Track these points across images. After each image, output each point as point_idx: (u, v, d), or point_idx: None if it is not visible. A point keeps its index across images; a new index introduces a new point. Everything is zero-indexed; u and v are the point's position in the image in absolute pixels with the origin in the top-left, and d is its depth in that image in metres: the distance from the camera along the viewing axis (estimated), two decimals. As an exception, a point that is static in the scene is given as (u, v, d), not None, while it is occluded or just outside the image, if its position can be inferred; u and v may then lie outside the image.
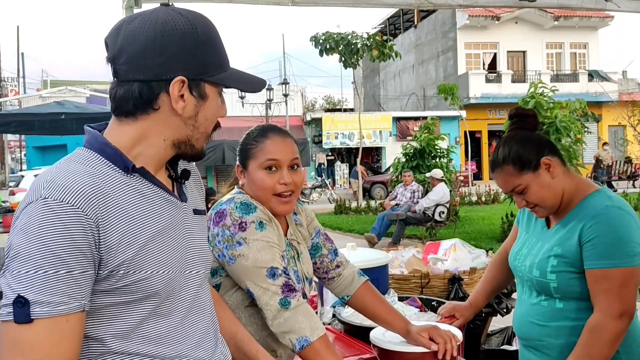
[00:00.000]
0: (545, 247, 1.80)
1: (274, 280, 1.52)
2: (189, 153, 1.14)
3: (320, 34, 15.75)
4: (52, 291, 0.92)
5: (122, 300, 1.02)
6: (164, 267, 1.06)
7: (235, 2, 2.65)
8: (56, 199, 0.95)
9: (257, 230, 1.56)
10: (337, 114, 26.77)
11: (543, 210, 1.80)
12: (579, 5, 3.36)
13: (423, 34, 31.59)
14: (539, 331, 1.80)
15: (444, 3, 3.17)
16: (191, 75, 1.06)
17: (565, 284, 1.72)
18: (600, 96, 26.09)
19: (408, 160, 12.49)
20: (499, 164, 1.80)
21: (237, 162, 1.73)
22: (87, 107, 9.56)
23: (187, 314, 1.13)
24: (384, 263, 2.45)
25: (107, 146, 1.07)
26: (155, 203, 1.08)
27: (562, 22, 27.72)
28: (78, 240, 0.94)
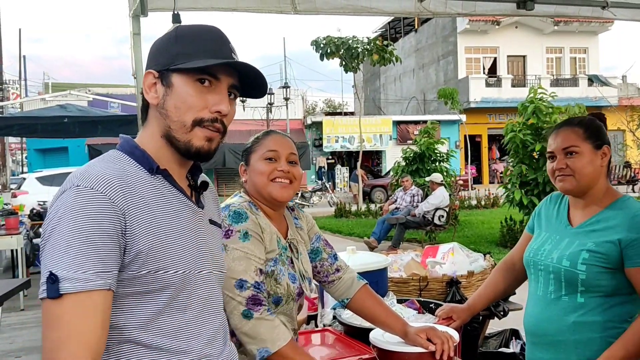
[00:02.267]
0: (575, 242, 1.86)
1: (240, 291, 1.59)
2: (181, 148, 1.17)
3: (321, 39, 15.82)
4: (80, 268, 0.99)
5: (141, 290, 1.09)
6: (177, 261, 1.13)
7: (239, 10, 2.71)
8: (87, 186, 1.04)
9: (239, 239, 1.65)
10: (337, 118, 26.83)
11: (573, 182, 1.86)
12: (576, 14, 3.42)
13: (423, 38, 31.68)
14: (556, 326, 1.85)
15: (443, 11, 3.23)
16: (159, 67, 1.17)
17: (593, 277, 1.78)
18: (599, 101, 26.14)
19: (408, 164, 12.54)
20: (572, 124, 1.91)
21: (241, 163, 1.85)
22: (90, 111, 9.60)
23: (200, 312, 1.19)
24: (384, 266, 2.50)
25: (136, 149, 1.18)
26: (173, 204, 1.16)
27: (562, 27, 27.81)
28: (105, 224, 1.02)
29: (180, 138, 1.16)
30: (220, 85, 1.17)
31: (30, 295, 6.51)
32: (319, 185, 21.05)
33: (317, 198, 20.08)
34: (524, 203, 9.40)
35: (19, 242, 6.51)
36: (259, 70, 1.21)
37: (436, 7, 3.14)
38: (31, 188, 14.31)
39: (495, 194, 16.83)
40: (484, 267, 3.01)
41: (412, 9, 3.07)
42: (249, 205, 1.75)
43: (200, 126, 1.16)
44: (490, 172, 28.16)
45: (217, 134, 1.19)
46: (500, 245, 9.74)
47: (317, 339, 2.19)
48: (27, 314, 6.18)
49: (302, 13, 2.84)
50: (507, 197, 10.01)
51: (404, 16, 4.35)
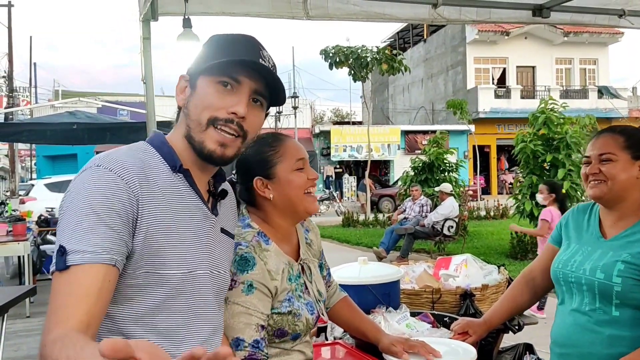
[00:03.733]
0: (609, 253, 1.80)
1: (236, 350, 1.46)
2: (197, 149, 1.18)
3: (330, 48, 15.83)
4: (88, 242, 1.01)
5: (139, 282, 1.09)
6: (178, 259, 1.13)
7: (251, 15, 2.67)
8: (107, 167, 1.07)
9: (242, 292, 1.49)
10: (345, 127, 26.83)
11: (605, 188, 1.81)
12: (592, 22, 3.36)
13: (432, 48, 31.69)
14: (590, 339, 1.78)
15: (457, 18, 3.18)
16: (189, 72, 1.22)
17: (628, 290, 1.72)
18: (610, 112, 26.00)
19: (417, 174, 12.49)
20: (614, 131, 1.86)
21: (255, 178, 1.60)
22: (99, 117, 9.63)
23: (194, 317, 1.18)
24: (396, 278, 2.44)
25: (165, 144, 1.20)
26: (187, 204, 1.17)
27: (572, 38, 27.74)
28: (118, 204, 1.05)
29: (196, 137, 1.18)
30: (241, 88, 1.18)
31: (36, 302, 6.48)
32: (326, 195, 21.02)
33: (325, 207, 20.03)
34: (535, 214, 9.30)
35: (26, 249, 6.48)
36: (277, 75, 1.24)
37: (450, 14, 3.09)
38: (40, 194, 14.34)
39: (505, 205, 16.70)
40: (499, 280, 2.93)
41: (426, 16, 3.01)
42: (259, 241, 1.57)
43: (215, 126, 1.16)
44: (499, 182, 28.02)
45: (232, 138, 1.17)
46: (511, 257, 9.63)
47: (328, 353, 2.12)
48: (33, 321, 6.14)
49: (314, 19, 2.79)
50: (517, 208, 9.92)
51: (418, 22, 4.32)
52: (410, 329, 2.08)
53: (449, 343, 1.88)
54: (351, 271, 2.41)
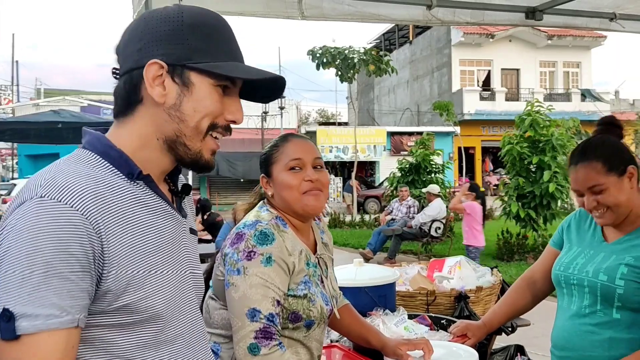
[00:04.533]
0: (612, 256, 1.79)
1: (251, 321, 1.46)
2: (186, 157, 1.02)
3: (317, 48, 15.83)
4: (41, 302, 0.81)
5: (121, 321, 0.92)
6: (164, 285, 0.97)
7: (246, 15, 2.64)
8: (54, 198, 0.86)
9: (261, 264, 1.51)
10: (331, 128, 26.85)
11: (612, 216, 1.78)
12: (584, 25, 3.38)
13: (418, 50, 31.84)
14: (590, 342, 1.78)
15: (451, 20, 3.18)
16: (171, 59, 0.97)
17: (631, 293, 1.72)
18: (592, 115, 26.33)
19: (404, 175, 12.53)
20: (588, 158, 1.78)
21: (261, 175, 1.70)
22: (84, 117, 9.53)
23: (188, 342, 1.04)
24: (392, 280, 2.43)
25: (112, 149, 0.98)
26: (157, 215, 1.00)
27: (556, 41, 28.03)
28: (75, 246, 0.84)
29: (192, 146, 1.01)
30: (234, 91, 1.04)
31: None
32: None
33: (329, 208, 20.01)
34: (521, 216, 9.38)
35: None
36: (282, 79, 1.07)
37: (445, 16, 3.09)
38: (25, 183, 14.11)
39: (490, 206, 16.81)
40: (492, 282, 2.94)
41: (420, 17, 3.01)
42: (277, 223, 1.61)
43: (212, 134, 1.03)
44: (484, 184, 28.21)
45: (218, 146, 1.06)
46: (497, 259, 9.69)
47: (324, 356, 2.10)
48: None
49: (309, 19, 2.77)
50: (503, 210, 9.99)
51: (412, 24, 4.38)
52: (408, 332, 2.07)
53: (450, 346, 1.87)
54: (347, 273, 2.39)
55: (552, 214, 9.53)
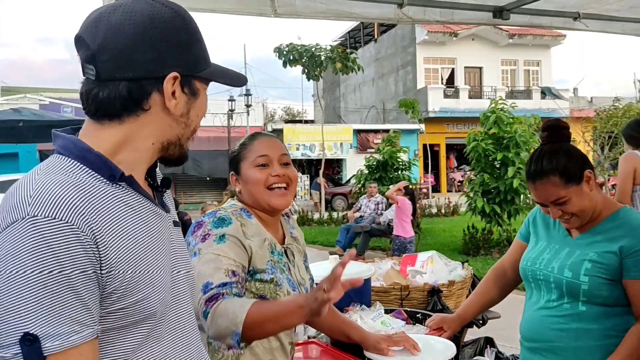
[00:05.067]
0: (576, 252, 1.84)
1: (204, 294, 1.48)
2: (176, 155, 1.07)
3: (284, 46, 15.79)
4: (63, 321, 0.82)
5: (118, 324, 0.93)
6: (158, 285, 0.97)
7: (218, 12, 2.63)
8: (47, 215, 0.84)
9: (214, 242, 1.56)
10: (298, 126, 26.82)
11: (578, 221, 1.83)
12: (549, 24, 3.47)
13: (383, 48, 32.07)
14: (558, 333, 1.83)
15: (422, 18, 3.22)
16: (184, 71, 0.99)
17: (595, 288, 1.77)
18: (552, 112, 26.99)
19: (371, 172, 12.62)
20: (545, 174, 1.81)
21: (230, 172, 1.76)
22: (45, 115, 9.28)
23: (179, 336, 1.06)
24: (368, 276, 2.45)
25: (89, 152, 0.96)
26: (142, 215, 0.99)
27: (517, 40, 28.62)
28: (80, 260, 0.85)
29: (185, 146, 1.07)
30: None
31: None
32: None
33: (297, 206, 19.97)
34: (486, 211, 9.57)
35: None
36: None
37: (415, 14, 3.13)
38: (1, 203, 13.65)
39: (455, 203, 17.09)
40: (464, 276, 3.00)
41: (392, 15, 3.04)
42: (240, 212, 1.68)
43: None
44: (448, 180, 28.65)
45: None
46: (464, 253, 9.85)
47: (301, 353, 2.10)
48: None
49: (282, 16, 2.77)
50: (469, 206, 10.17)
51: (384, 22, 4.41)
52: (385, 326, 2.10)
53: (428, 339, 1.91)
54: (323, 269, 2.40)
55: (516, 209, 9.75)
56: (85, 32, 0.97)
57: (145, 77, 0.97)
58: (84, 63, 0.97)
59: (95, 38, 0.95)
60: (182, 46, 0.99)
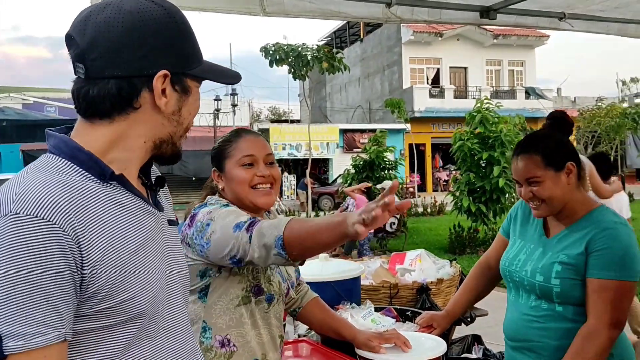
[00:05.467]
0: (548, 254, 1.85)
1: (239, 230, 1.47)
2: (169, 153, 1.07)
3: (270, 45, 15.75)
4: (27, 321, 0.81)
5: (105, 324, 0.92)
6: (148, 284, 0.97)
7: (207, 10, 2.61)
8: (29, 214, 0.84)
9: (221, 207, 1.59)
10: (284, 125, 26.79)
11: (546, 208, 1.84)
12: (535, 24, 3.50)
13: (369, 47, 32.14)
14: (537, 332, 1.84)
15: (410, 18, 3.23)
16: (174, 68, 0.99)
17: (567, 289, 1.78)
18: (536, 112, 27.26)
19: (358, 172, 12.65)
20: (528, 150, 1.84)
21: (213, 168, 1.75)
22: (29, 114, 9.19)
23: (173, 335, 1.05)
24: (358, 274, 2.46)
25: (80, 151, 0.96)
26: (134, 214, 0.99)
27: (501, 40, 28.85)
28: (56, 261, 0.84)
29: (178, 144, 1.07)
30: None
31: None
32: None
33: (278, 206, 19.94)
34: (472, 210, 9.63)
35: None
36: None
37: (403, 14, 3.14)
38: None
39: (441, 202, 17.18)
40: (452, 274, 3.02)
41: (380, 15, 3.05)
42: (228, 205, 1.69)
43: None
44: (434, 180, 28.80)
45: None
46: (450, 252, 9.92)
47: (291, 351, 2.11)
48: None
49: (271, 15, 2.77)
50: (455, 205, 10.23)
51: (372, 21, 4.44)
52: (376, 324, 2.11)
53: (419, 336, 1.92)
54: (313, 268, 2.41)
55: (502, 208, 9.83)
56: (74, 31, 0.97)
57: (135, 75, 0.97)
58: (74, 61, 0.98)
59: (84, 36, 0.96)
60: (172, 43, 0.99)
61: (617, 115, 18.58)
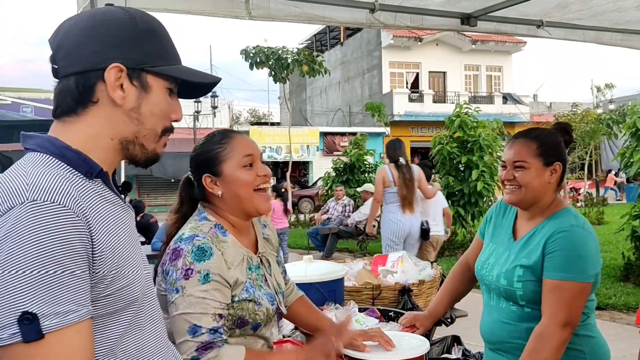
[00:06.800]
0: (512, 257, 1.90)
1: (192, 336, 1.46)
2: (140, 155, 1.08)
3: (250, 48, 15.73)
4: (60, 300, 0.85)
5: (106, 311, 0.96)
6: (138, 273, 1.03)
7: (192, 13, 2.63)
8: (47, 200, 0.88)
9: (199, 281, 1.49)
10: (264, 128, 26.76)
11: (519, 195, 1.90)
12: (514, 31, 3.58)
13: (349, 51, 32.28)
14: (511, 333, 1.89)
15: (393, 23, 3.28)
16: (130, 63, 1.02)
17: (530, 292, 1.83)
18: (513, 117, 27.66)
19: (338, 175, 12.70)
20: (528, 137, 1.92)
21: (204, 175, 1.63)
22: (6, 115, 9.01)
23: (155, 326, 1.11)
24: (342, 275, 2.50)
25: (68, 150, 1.00)
26: (117, 211, 1.04)
27: (479, 46, 29.22)
28: (75, 243, 0.88)
29: (148, 147, 1.08)
30: (174, 91, 1.11)
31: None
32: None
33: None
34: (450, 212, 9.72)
35: None
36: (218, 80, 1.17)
37: (386, 19, 3.19)
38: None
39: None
40: (433, 276, 3.06)
41: (363, 20, 3.10)
42: (216, 233, 1.59)
43: (164, 134, 1.10)
44: (413, 183, 28.97)
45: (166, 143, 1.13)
46: (428, 255, 10.00)
47: (276, 351, 2.12)
48: None
49: (256, 19, 2.79)
50: (434, 208, 10.31)
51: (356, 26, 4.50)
52: (360, 324, 2.14)
53: (402, 335, 1.95)
54: (298, 269, 2.44)
55: (480, 211, 9.95)
56: (51, 37, 1.05)
57: (90, 69, 1.01)
58: (51, 64, 1.04)
59: (55, 40, 1.03)
60: (129, 40, 1.03)
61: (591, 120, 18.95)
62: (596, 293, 1.92)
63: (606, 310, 6.37)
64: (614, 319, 6.09)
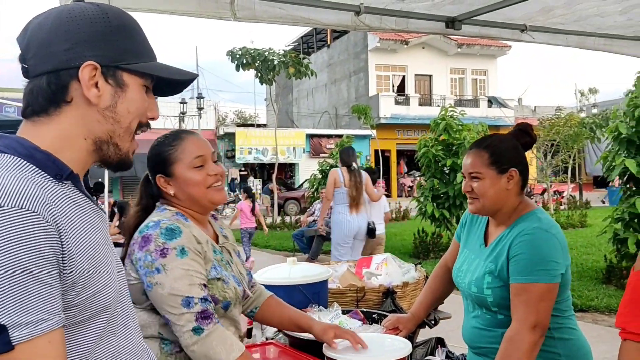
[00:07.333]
0: (480, 264, 1.91)
1: (188, 308, 1.53)
2: (114, 157, 1.05)
3: (237, 49, 15.69)
4: (31, 309, 0.82)
5: (78, 318, 0.94)
6: (110, 279, 1.00)
7: (177, 14, 2.61)
8: (14, 206, 0.84)
9: (177, 256, 1.56)
10: (250, 130, 26.70)
11: (479, 205, 1.91)
12: (498, 35, 3.60)
13: (336, 54, 32.34)
14: (488, 339, 1.90)
15: (378, 26, 3.29)
16: (104, 61, 0.99)
17: (499, 298, 1.83)
18: (498, 120, 27.89)
19: (324, 177, 12.68)
20: (480, 147, 1.92)
21: (157, 176, 1.70)
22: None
23: (129, 332, 1.09)
24: (326, 278, 2.49)
25: (37, 151, 0.96)
26: (88, 214, 1.01)
27: (465, 50, 29.44)
28: (46, 250, 0.85)
29: (122, 146, 1.04)
30: (150, 88, 1.08)
31: None
32: (231, 197, 20.76)
33: (230, 210, 19.76)
34: (436, 216, 9.79)
35: None
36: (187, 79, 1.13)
37: (372, 22, 3.20)
38: None
39: (406, 207, 17.37)
40: (417, 278, 3.07)
41: (349, 22, 3.10)
42: (178, 219, 1.66)
43: (137, 133, 1.07)
44: (399, 185, 29.11)
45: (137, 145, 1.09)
46: (414, 257, 10.04)
47: (259, 354, 2.11)
48: None
49: (241, 20, 2.78)
50: (419, 210, 10.37)
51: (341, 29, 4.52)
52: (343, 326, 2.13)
53: (385, 338, 1.96)
54: (281, 272, 2.44)
55: (464, 214, 10.01)
56: (19, 36, 1.01)
57: (62, 68, 0.97)
58: (20, 64, 1.01)
59: (23, 39, 1.00)
60: (102, 37, 0.99)
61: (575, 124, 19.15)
62: (578, 295, 1.93)
63: (588, 312, 6.44)
64: (596, 321, 6.15)
